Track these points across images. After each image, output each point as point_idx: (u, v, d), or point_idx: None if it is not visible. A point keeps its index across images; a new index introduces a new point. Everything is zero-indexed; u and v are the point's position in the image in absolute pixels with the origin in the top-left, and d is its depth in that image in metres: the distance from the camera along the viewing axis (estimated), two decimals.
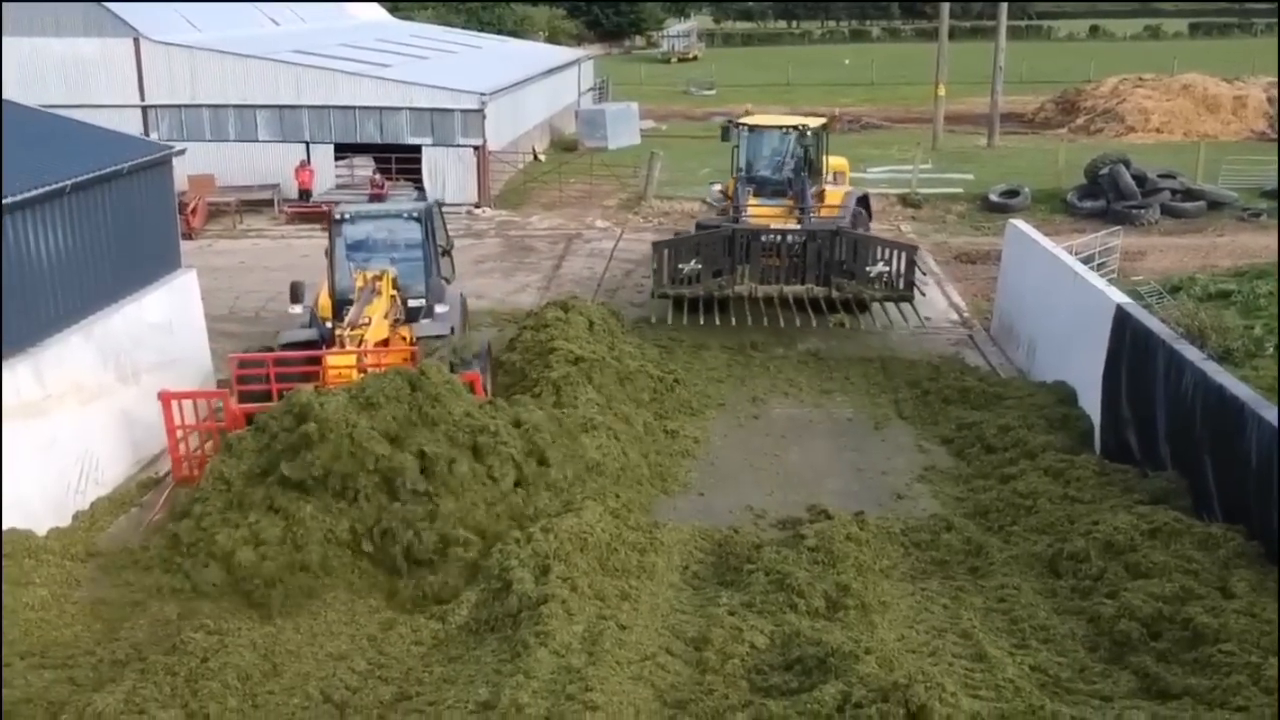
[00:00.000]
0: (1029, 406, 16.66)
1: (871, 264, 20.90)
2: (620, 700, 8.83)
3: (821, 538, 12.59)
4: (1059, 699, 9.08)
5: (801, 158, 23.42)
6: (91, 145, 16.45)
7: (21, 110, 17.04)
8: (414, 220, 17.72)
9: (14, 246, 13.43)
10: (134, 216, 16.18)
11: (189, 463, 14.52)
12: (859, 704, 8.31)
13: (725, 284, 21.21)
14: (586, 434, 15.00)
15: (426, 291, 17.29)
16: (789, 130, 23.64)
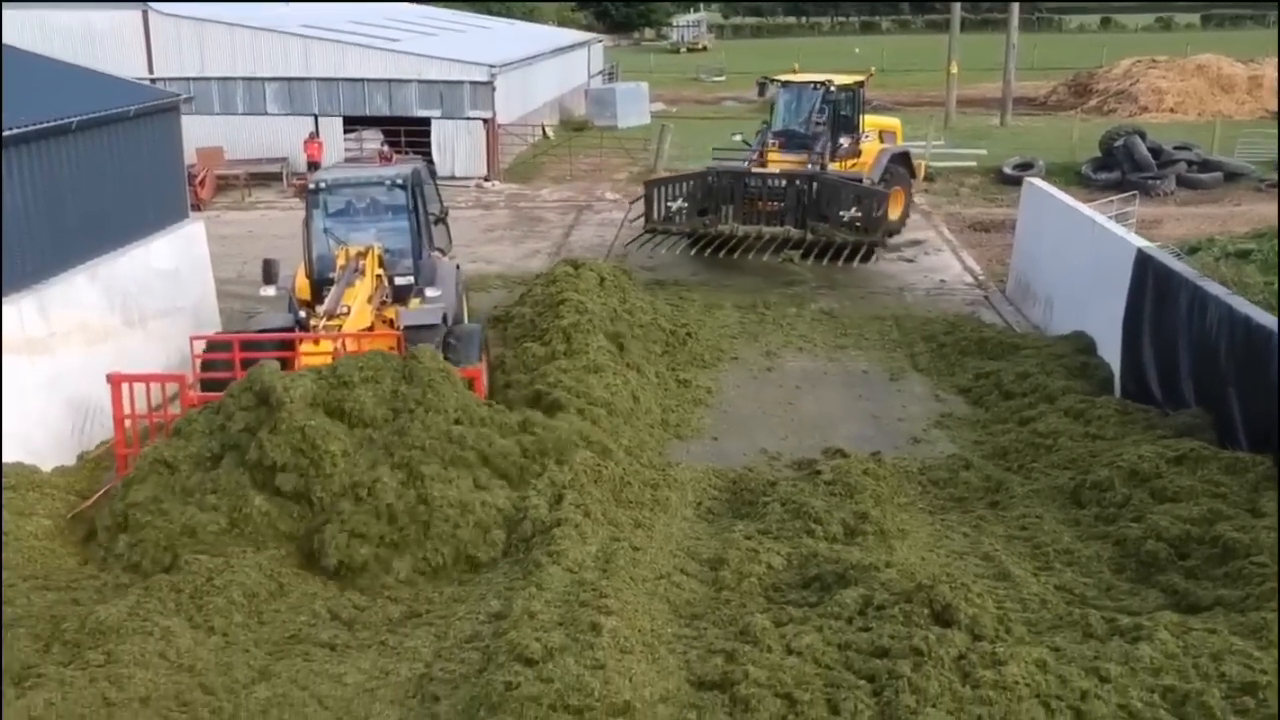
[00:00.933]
0: (1047, 356, 16.38)
1: (845, 209, 21.34)
2: (635, 609, 8.59)
3: (838, 472, 12.39)
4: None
5: (830, 113, 23.47)
6: (99, 89, 16.27)
7: (30, 55, 16.86)
8: (398, 187, 15.61)
9: (19, 181, 13.25)
10: (141, 162, 15.99)
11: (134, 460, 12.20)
12: (881, 606, 8.07)
13: (709, 223, 22.42)
14: (595, 375, 14.77)
15: (415, 271, 15.44)
16: (818, 86, 23.75)
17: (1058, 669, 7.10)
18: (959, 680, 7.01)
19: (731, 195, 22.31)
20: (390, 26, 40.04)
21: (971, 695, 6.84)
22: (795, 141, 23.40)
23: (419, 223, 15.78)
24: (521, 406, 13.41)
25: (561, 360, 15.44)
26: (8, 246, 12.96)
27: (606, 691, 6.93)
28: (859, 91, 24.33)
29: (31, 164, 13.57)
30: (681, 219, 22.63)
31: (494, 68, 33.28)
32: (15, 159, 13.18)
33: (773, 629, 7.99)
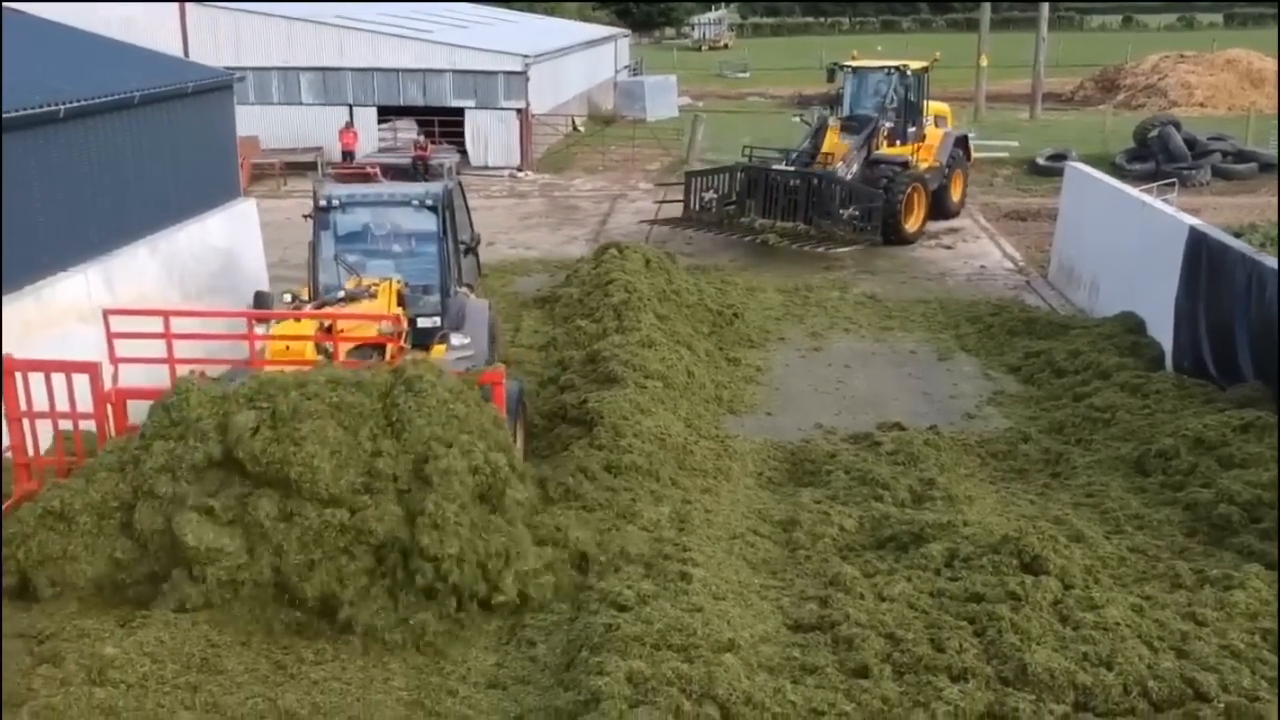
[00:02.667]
0: (1097, 335, 16.39)
1: (844, 208, 22.31)
2: (719, 563, 8.67)
3: (899, 443, 12.48)
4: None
5: (901, 98, 24.30)
6: (156, 66, 16.45)
7: (87, 34, 17.05)
8: (427, 209, 13.04)
9: (84, 153, 13.42)
10: (197, 139, 16.18)
11: (36, 471, 9.64)
12: (967, 558, 8.14)
13: (734, 213, 23.60)
14: (649, 349, 14.84)
15: (441, 311, 12.77)
16: (890, 71, 24.57)
17: (1153, 614, 7.18)
18: (1059, 622, 7.09)
19: (752, 190, 23.41)
20: (422, 18, 40.22)
21: (1074, 635, 6.93)
22: (859, 126, 24.13)
23: (448, 253, 13.25)
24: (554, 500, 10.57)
25: (614, 336, 15.52)
26: (72, 219, 13.16)
27: (708, 631, 7.02)
28: (925, 77, 25.07)
29: (96, 136, 13.75)
30: (714, 209, 23.88)
31: (528, 58, 33.43)
32: (81, 131, 13.36)
33: (863, 578, 8.08)
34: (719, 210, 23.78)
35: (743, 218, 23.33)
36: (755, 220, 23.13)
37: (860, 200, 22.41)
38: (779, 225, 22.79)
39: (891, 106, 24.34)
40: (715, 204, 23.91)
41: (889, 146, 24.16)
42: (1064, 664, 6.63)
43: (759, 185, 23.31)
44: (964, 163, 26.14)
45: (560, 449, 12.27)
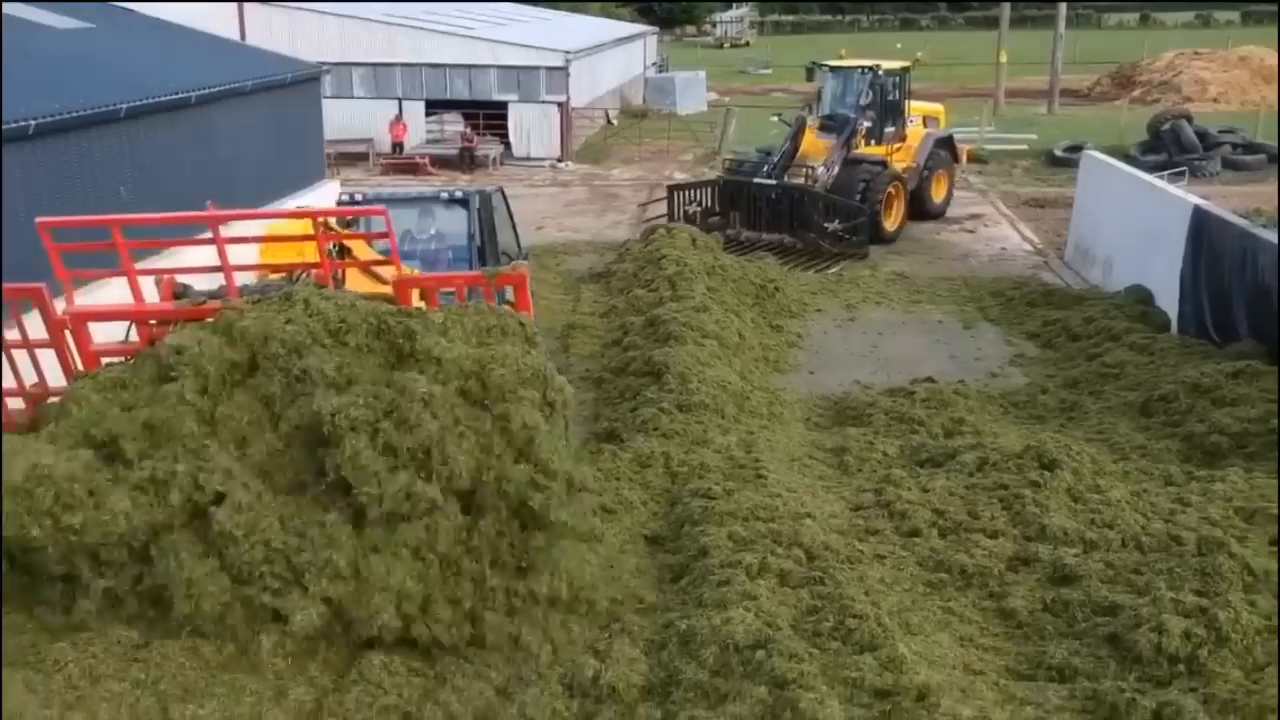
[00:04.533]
0: (1109, 305, 17.98)
1: (829, 221, 22.46)
2: (784, 471, 10.34)
3: (931, 392, 14.11)
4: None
5: (877, 98, 24.48)
6: (253, 59, 18.21)
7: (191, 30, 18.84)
8: (457, 203, 12.78)
9: (206, 136, 15.17)
10: (293, 124, 17.91)
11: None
12: (995, 464, 9.78)
13: (715, 225, 23.52)
14: (703, 313, 16.49)
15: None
16: (865, 70, 24.81)
17: (1148, 498, 8.83)
18: (1071, 500, 8.76)
19: (735, 203, 23.74)
20: (465, 16, 41.99)
21: (1083, 508, 8.60)
22: (837, 125, 24.34)
23: (482, 253, 12.83)
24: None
25: (670, 303, 17.19)
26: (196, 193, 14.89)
27: (787, 508, 8.69)
28: (905, 77, 25.38)
29: (214, 121, 15.48)
30: (697, 221, 23.71)
31: (569, 54, 35.12)
32: (203, 116, 15.11)
33: (908, 478, 9.74)
34: (703, 223, 23.53)
35: (728, 230, 23.35)
36: (741, 233, 23.39)
37: (843, 213, 22.56)
38: (764, 238, 23.06)
39: (868, 106, 24.30)
40: (699, 216, 23.91)
41: (866, 146, 24.26)
42: (1075, 525, 8.31)
43: (741, 198, 23.61)
44: (948, 163, 26.08)
45: (630, 397, 13.96)
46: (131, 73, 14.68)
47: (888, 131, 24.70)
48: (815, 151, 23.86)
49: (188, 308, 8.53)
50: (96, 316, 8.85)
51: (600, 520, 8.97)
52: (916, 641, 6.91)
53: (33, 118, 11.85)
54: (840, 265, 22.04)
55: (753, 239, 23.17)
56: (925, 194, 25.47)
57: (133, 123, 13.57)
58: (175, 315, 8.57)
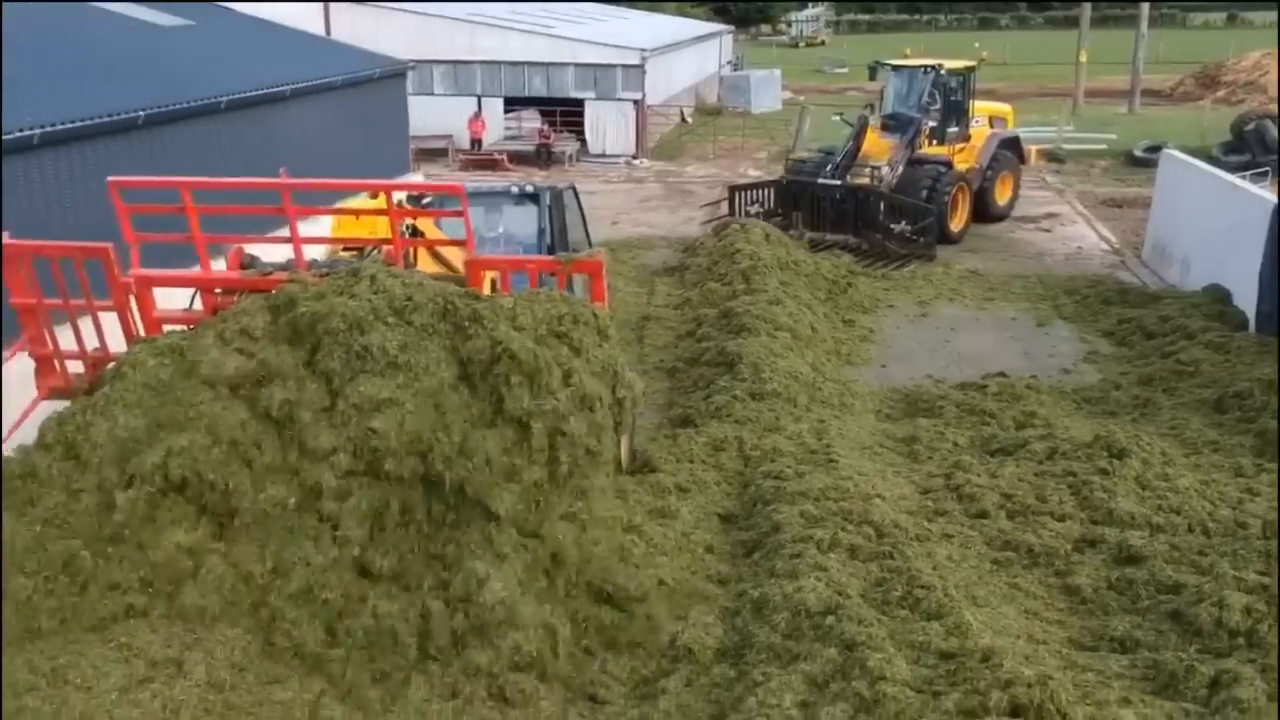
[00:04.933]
0: (1185, 304, 17.88)
1: (895, 222, 22.18)
2: (855, 457, 10.58)
3: (1003, 386, 14.22)
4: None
5: (940, 98, 24.23)
6: (341, 55, 18.84)
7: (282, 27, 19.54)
8: (527, 199, 12.56)
9: (302, 126, 15.79)
10: (381, 117, 18.50)
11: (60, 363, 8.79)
12: (1064, 453, 9.93)
13: (776, 225, 22.87)
14: (777, 305, 16.75)
15: None
16: (928, 70, 24.56)
17: (1217, 487, 8.93)
18: (1139, 488, 8.91)
19: (798, 203, 23.44)
20: (544, 15, 42.61)
21: (1151, 495, 8.74)
22: (900, 125, 24.08)
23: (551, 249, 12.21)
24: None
25: (744, 296, 17.48)
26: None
27: (858, 489, 8.96)
28: (970, 77, 25.03)
29: (306, 114, 16.09)
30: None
31: (645, 52, 35.51)
32: (297, 109, 15.72)
33: (978, 464, 9.94)
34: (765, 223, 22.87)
35: (790, 230, 22.95)
36: (804, 234, 22.94)
37: (910, 213, 22.27)
38: (828, 238, 22.68)
39: (931, 106, 23.99)
40: (760, 217, 23.54)
41: (929, 146, 23.93)
42: (1142, 510, 8.47)
43: (804, 198, 23.30)
44: (1013, 164, 25.61)
45: (703, 386, 14.28)
46: (231, 68, 15.36)
47: (951, 131, 24.46)
48: (878, 151, 23.63)
49: (254, 277, 8.48)
50: (161, 282, 8.75)
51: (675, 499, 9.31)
52: (982, 612, 7.15)
53: (141, 109, 12.52)
54: (911, 266, 21.79)
55: (816, 240, 22.85)
56: (989, 195, 25.08)
57: (233, 114, 14.23)
58: (241, 285, 8.53)
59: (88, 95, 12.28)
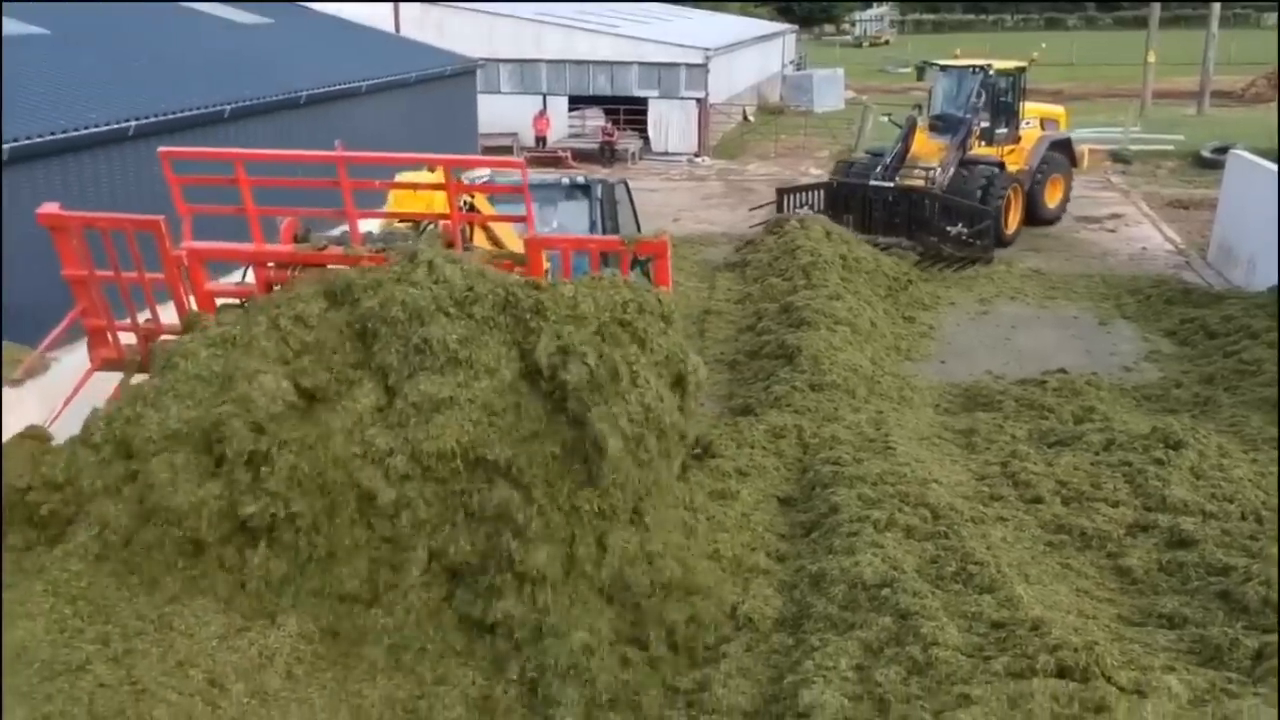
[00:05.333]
0: (1250, 304, 17.78)
1: (953, 225, 21.73)
2: (914, 447, 10.80)
3: (1062, 382, 14.34)
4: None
5: (989, 98, 23.81)
6: (413, 52, 19.38)
7: (357, 25, 20.12)
8: (579, 190, 12.54)
9: (375, 119, 16.31)
10: (450, 112, 19.00)
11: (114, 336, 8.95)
12: (1121, 444, 10.08)
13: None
14: (837, 300, 16.96)
15: None
16: (977, 70, 24.11)
17: (1273, 478, 9.03)
18: (1193, 477, 9.05)
19: (849, 205, 23.11)
20: (609, 15, 43.07)
21: (1204, 484, 8.88)
22: (949, 126, 23.82)
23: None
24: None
25: (804, 291, 17.71)
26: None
27: (915, 474, 9.20)
28: (1020, 77, 24.64)
29: (381, 108, 16.61)
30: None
31: (708, 51, 35.80)
32: (372, 103, 16.25)
33: (1034, 454, 10.13)
34: None
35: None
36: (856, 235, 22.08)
37: (966, 216, 21.84)
38: (880, 241, 22.22)
39: (979, 106, 23.51)
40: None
41: (978, 148, 23.53)
42: (1195, 498, 8.62)
43: (854, 200, 22.99)
44: (1064, 167, 25.12)
45: (763, 377, 14.56)
46: (309, 64, 15.93)
47: (1000, 133, 24.12)
48: (927, 152, 23.40)
49: (308, 252, 8.31)
50: (213, 255, 8.67)
51: (735, 481, 9.61)
52: (1033, 589, 7.36)
53: (227, 103, 13.08)
54: (969, 269, 21.47)
55: (869, 243, 22.16)
56: (1039, 198, 24.62)
57: (311, 108, 14.79)
58: (294, 259, 8.37)
59: (179, 90, 12.89)
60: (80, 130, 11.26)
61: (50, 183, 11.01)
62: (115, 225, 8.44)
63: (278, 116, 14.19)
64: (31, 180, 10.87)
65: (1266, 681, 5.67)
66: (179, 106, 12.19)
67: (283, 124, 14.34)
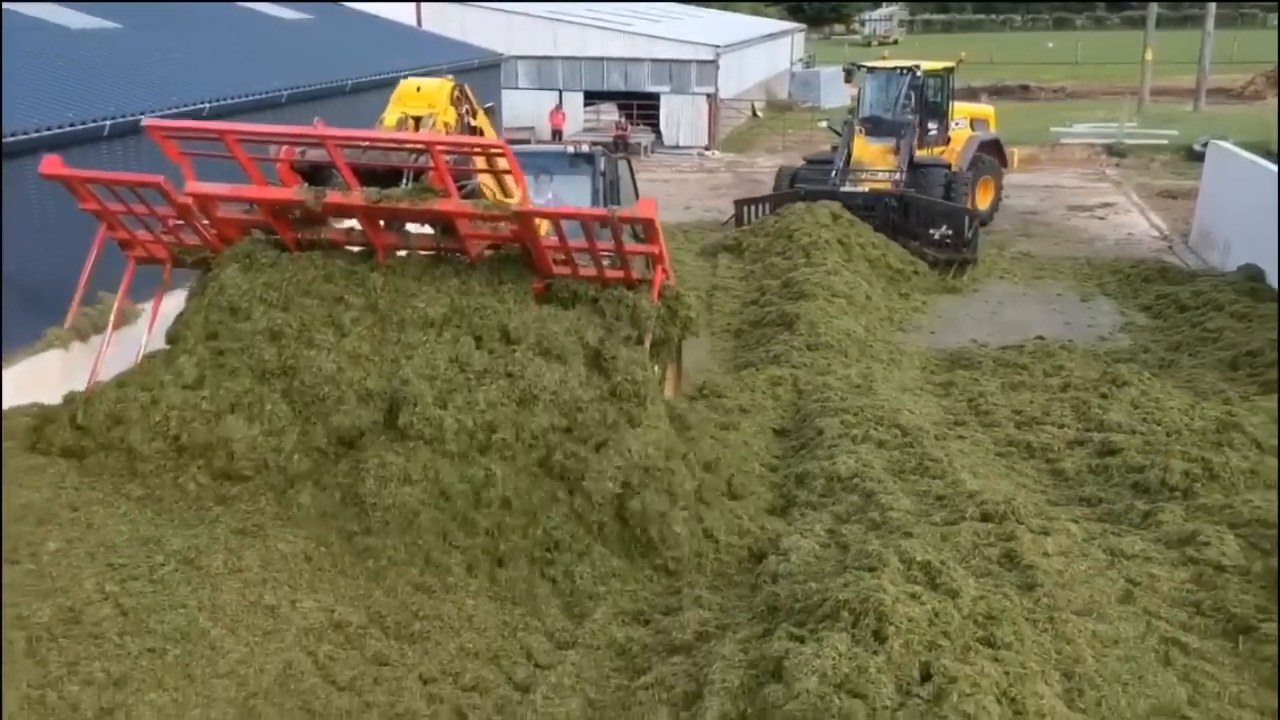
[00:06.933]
0: (1220, 281, 19.11)
1: (935, 227, 21.50)
2: (894, 393, 12.20)
3: (1039, 347, 15.70)
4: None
5: (918, 99, 23.75)
6: (439, 45, 20.79)
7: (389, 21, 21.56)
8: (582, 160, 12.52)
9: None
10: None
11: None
12: (1075, 385, 11.56)
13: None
14: (834, 275, 18.30)
15: None
16: (905, 71, 24.07)
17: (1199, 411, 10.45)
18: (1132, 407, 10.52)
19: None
20: (622, 14, 44.53)
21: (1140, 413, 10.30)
22: (882, 128, 23.46)
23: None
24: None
25: (804, 269, 19.06)
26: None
27: (891, 407, 10.65)
28: (948, 78, 24.68)
29: None
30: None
31: (718, 48, 37.21)
32: None
33: (1000, 394, 11.54)
34: None
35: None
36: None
37: (946, 218, 21.58)
38: None
39: (908, 108, 23.40)
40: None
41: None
42: (1128, 421, 10.00)
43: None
44: (994, 168, 24.94)
45: (765, 342, 15.96)
46: (350, 56, 17.37)
47: (930, 134, 23.96)
48: (869, 157, 23.06)
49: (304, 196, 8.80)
50: (218, 197, 9.26)
51: (736, 415, 11.04)
52: (979, 480, 8.75)
53: (285, 89, 14.51)
54: (967, 272, 21.22)
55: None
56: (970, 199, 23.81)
57: (355, 96, 16.21)
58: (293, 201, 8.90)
59: (245, 78, 14.34)
60: (164, 111, 12.72)
61: (127, 160, 12.44)
62: (116, 183, 9.37)
63: (327, 104, 15.62)
64: (112, 157, 12.32)
65: (1147, 529, 7.02)
66: (247, 91, 13.68)
67: (331, 110, 15.77)
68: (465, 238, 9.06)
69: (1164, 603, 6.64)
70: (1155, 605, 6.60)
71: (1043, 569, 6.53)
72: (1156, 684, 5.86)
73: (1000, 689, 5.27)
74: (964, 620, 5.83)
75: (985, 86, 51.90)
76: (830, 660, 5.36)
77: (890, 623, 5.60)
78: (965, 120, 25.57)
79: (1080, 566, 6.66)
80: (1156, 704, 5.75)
